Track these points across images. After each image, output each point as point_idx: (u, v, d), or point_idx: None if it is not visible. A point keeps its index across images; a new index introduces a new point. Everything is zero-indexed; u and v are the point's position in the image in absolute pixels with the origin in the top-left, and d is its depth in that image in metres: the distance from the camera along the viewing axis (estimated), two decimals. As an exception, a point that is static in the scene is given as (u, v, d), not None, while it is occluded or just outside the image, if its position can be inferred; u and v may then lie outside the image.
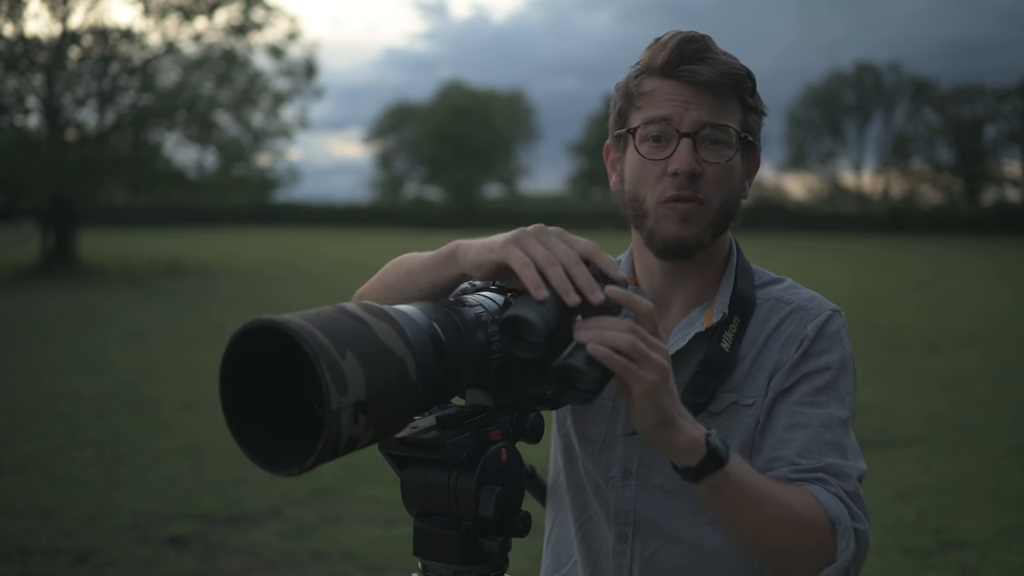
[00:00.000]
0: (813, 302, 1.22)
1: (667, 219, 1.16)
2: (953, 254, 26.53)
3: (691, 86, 1.14)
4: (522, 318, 0.87)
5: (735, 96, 1.16)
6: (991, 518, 4.29)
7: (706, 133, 1.14)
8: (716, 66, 1.14)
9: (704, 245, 1.18)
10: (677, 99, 1.15)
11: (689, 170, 1.13)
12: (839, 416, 1.14)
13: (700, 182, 1.14)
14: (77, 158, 19.14)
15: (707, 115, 1.14)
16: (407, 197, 57.11)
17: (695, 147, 1.14)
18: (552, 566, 1.36)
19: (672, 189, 1.15)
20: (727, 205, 1.18)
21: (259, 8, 21.14)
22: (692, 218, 1.15)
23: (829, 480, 1.07)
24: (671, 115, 1.15)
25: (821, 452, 1.10)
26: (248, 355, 0.79)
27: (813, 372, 1.16)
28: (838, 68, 55.93)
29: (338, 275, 16.81)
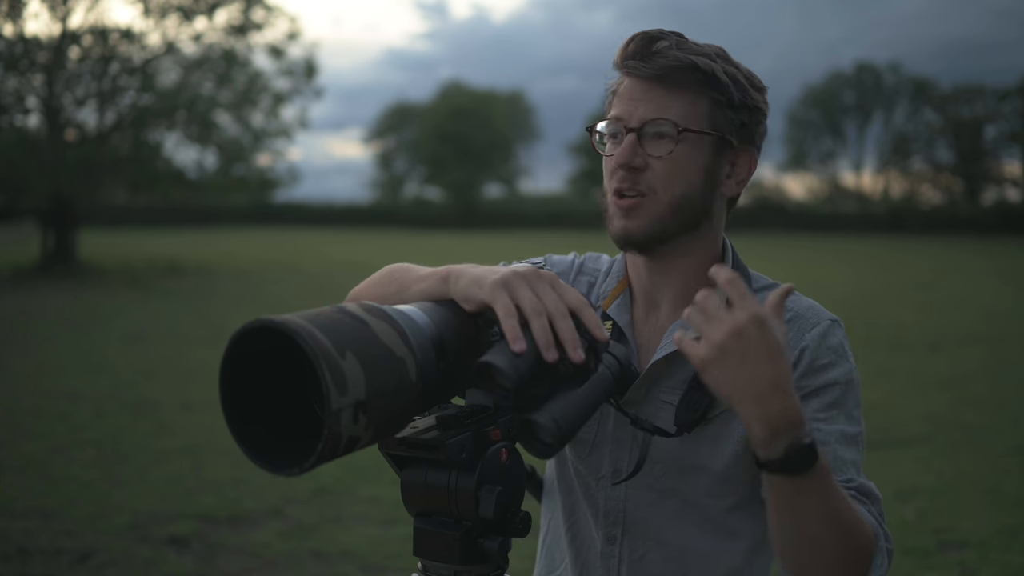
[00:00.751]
0: (812, 311, 1.21)
1: (614, 214, 1.18)
2: (953, 254, 26.54)
3: (642, 82, 1.16)
4: (494, 366, 0.86)
5: (693, 89, 1.14)
6: (991, 518, 4.29)
7: (649, 127, 1.15)
8: (658, 60, 1.14)
9: (656, 238, 1.17)
10: (633, 96, 1.16)
11: (625, 163, 1.14)
12: (850, 432, 1.13)
13: (643, 175, 1.15)
14: (77, 158, 19.14)
15: (652, 110, 1.15)
16: (407, 197, 57.11)
17: (640, 141, 1.15)
18: (547, 567, 1.36)
19: (616, 182, 1.17)
20: (682, 199, 1.16)
21: (259, 8, 21.14)
22: (634, 211, 1.16)
23: (864, 500, 1.07)
24: (621, 113, 1.17)
25: (843, 470, 1.10)
26: (248, 355, 0.80)
27: (821, 387, 1.15)
28: (838, 68, 56.00)
29: (338, 275, 16.80)
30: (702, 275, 1.22)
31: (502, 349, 0.88)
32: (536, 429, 0.89)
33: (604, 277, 1.32)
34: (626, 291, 1.28)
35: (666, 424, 1.17)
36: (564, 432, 0.89)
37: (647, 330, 1.25)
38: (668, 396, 1.19)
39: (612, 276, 1.30)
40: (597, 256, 1.37)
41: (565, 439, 0.89)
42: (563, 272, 1.34)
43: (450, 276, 0.99)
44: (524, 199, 55.72)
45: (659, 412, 1.19)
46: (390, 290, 1.11)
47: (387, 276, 1.16)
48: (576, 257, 1.37)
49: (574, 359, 0.89)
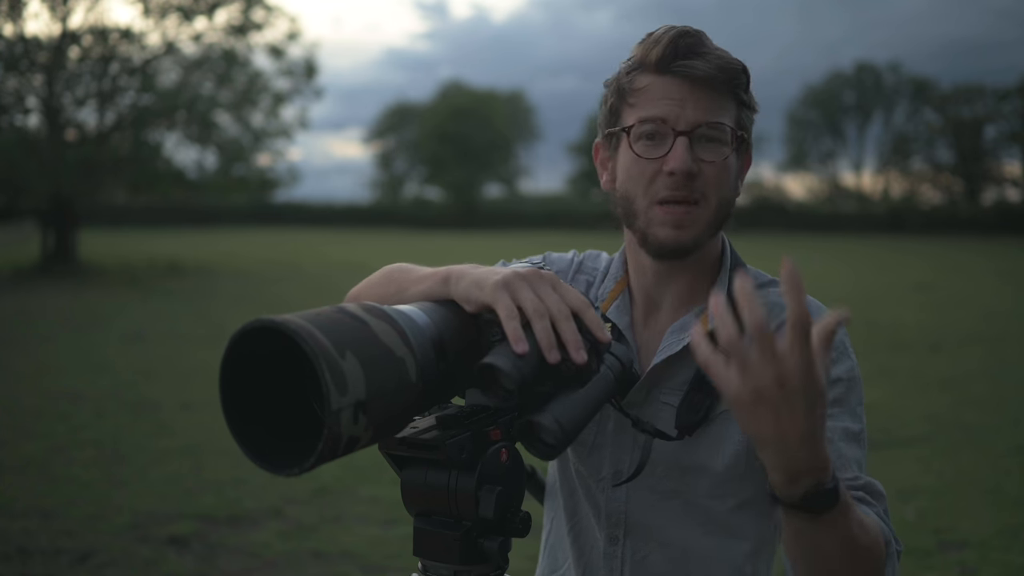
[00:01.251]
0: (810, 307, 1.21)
1: (660, 223, 1.14)
2: (953, 254, 26.54)
3: (686, 82, 1.12)
4: (496, 367, 0.86)
5: (730, 92, 1.14)
6: (991, 518, 4.29)
7: (702, 131, 1.12)
8: (712, 61, 1.11)
9: (701, 245, 1.17)
10: (673, 96, 1.12)
11: (686, 170, 1.10)
12: (854, 429, 1.12)
13: (696, 181, 1.12)
14: (77, 158, 19.14)
15: (704, 113, 1.12)
16: (407, 197, 57.13)
17: (691, 146, 1.11)
18: (549, 567, 1.36)
19: (666, 189, 1.12)
20: (724, 204, 1.16)
21: (259, 8, 21.14)
22: (687, 222, 1.13)
23: (871, 502, 1.04)
24: (666, 114, 1.12)
25: (847, 468, 1.07)
26: (248, 355, 0.79)
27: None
28: (838, 68, 56.01)
29: (338, 275, 16.80)
30: (701, 276, 1.22)
31: (504, 351, 0.87)
32: (539, 430, 0.89)
33: (602, 277, 1.31)
34: (625, 292, 1.27)
35: (667, 425, 1.17)
36: (567, 433, 0.89)
37: (647, 332, 1.24)
38: (668, 397, 1.19)
39: (610, 277, 1.29)
40: (596, 254, 1.36)
41: (568, 440, 0.89)
42: (562, 271, 1.33)
43: (450, 277, 0.98)
44: (524, 199, 55.73)
45: (659, 413, 1.19)
46: (389, 291, 1.10)
47: (385, 277, 1.14)
48: (575, 255, 1.36)
49: (576, 360, 0.89)
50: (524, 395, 0.87)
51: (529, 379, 0.87)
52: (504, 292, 0.90)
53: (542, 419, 0.88)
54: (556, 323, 0.89)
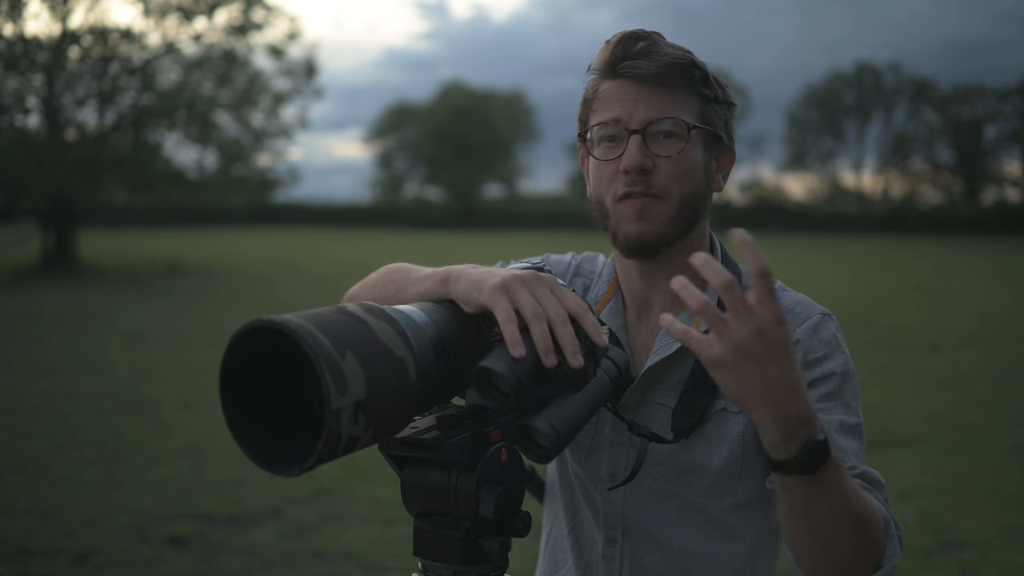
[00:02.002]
0: (801, 305, 1.20)
1: (624, 217, 1.16)
2: (953, 254, 26.54)
3: (637, 83, 1.14)
4: (493, 371, 0.86)
5: (687, 88, 1.15)
6: (991, 518, 4.29)
7: (654, 128, 1.13)
8: (657, 59, 1.13)
9: (668, 241, 1.17)
10: (626, 97, 1.14)
11: (637, 165, 1.12)
12: (849, 423, 1.11)
13: (653, 177, 1.14)
14: (77, 158, 19.14)
15: (655, 110, 1.13)
16: (407, 197, 57.13)
17: (645, 143, 1.13)
18: (549, 568, 1.36)
19: (624, 186, 1.14)
20: (690, 198, 1.16)
21: (259, 8, 21.15)
22: (647, 213, 1.14)
23: (869, 487, 1.04)
24: (620, 114, 1.14)
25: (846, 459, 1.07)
26: (248, 355, 0.79)
27: (817, 379, 1.14)
28: (838, 68, 55.99)
29: (338, 275, 16.81)
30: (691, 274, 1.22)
31: (501, 354, 0.87)
32: (534, 434, 0.88)
33: (598, 280, 1.32)
34: (617, 294, 1.28)
35: (663, 427, 1.17)
36: (562, 437, 0.88)
37: (640, 334, 1.24)
38: (664, 399, 1.19)
39: (603, 279, 1.30)
40: (594, 257, 1.37)
41: (563, 444, 0.89)
42: (560, 273, 1.34)
43: (450, 277, 0.99)
44: (524, 199, 55.75)
45: (655, 415, 1.19)
46: (387, 291, 1.10)
47: (384, 277, 1.15)
48: (573, 258, 1.37)
49: (573, 365, 0.88)
50: (520, 399, 0.87)
51: (525, 383, 0.87)
52: (502, 295, 0.90)
53: (537, 423, 0.87)
54: (554, 327, 0.89)
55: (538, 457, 0.90)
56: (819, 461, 0.89)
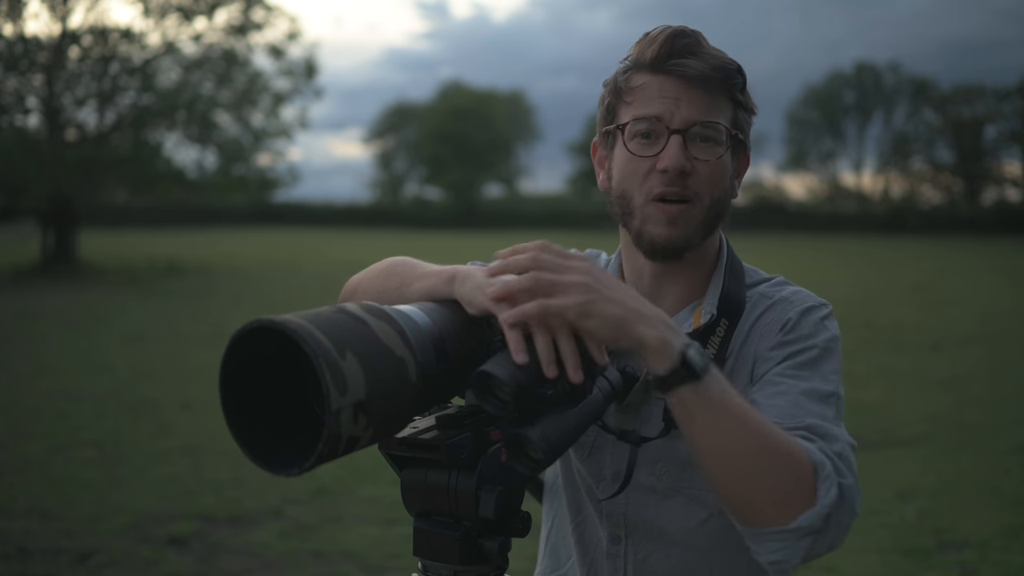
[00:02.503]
0: (797, 295, 1.20)
1: (654, 220, 1.15)
2: (953, 254, 26.54)
3: (681, 81, 1.12)
4: (492, 374, 0.85)
5: (725, 92, 1.15)
6: (991, 518, 4.29)
7: (697, 130, 1.12)
8: (707, 60, 1.12)
9: (694, 246, 1.17)
10: (667, 95, 1.13)
11: (679, 167, 1.11)
12: (822, 389, 1.08)
13: (690, 180, 1.13)
14: (77, 158, 19.15)
15: (698, 112, 1.12)
16: (407, 197, 57.15)
17: (685, 144, 1.12)
18: (551, 565, 1.36)
19: (660, 186, 1.13)
20: (718, 204, 1.16)
21: (259, 8, 21.15)
22: (680, 220, 1.14)
23: (813, 438, 1.00)
24: (661, 112, 1.13)
25: (801, 416, 1.04)
26: (248, 355, 0.79)
27: (798, 351, 1.13)
28: (838, 68, 56.00)
29: (338, 275, 16.75)
30: (700, 275, 1.23)
31: (503, 360, 0.87)
32: (527, 444, 0.88)
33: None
34: None
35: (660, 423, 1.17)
36: (554, 450, 0.88)
37: None
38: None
39: None
40: (597, 254, 1.36)
41: (553, 457, 0.88)
42: None
43: (456, 277, 0.98)
44: (524, 199, 55.76)
45: (655, 411, 1.19)
46: (391, 284, 1.10)
47: (389, 268, 1.14)
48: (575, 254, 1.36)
49: (573, 380, 0.88)
50: (518, 407, 0.87)
51: (526, 390, 0.86)
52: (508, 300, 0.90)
53: (531, 434, 0.87)
54: (557, 339, 0.89)
55: (527, 468, 0.88)
56: (702, 365, 0.91)
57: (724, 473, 0.95)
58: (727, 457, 0.94)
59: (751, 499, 0.95)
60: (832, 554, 3.38)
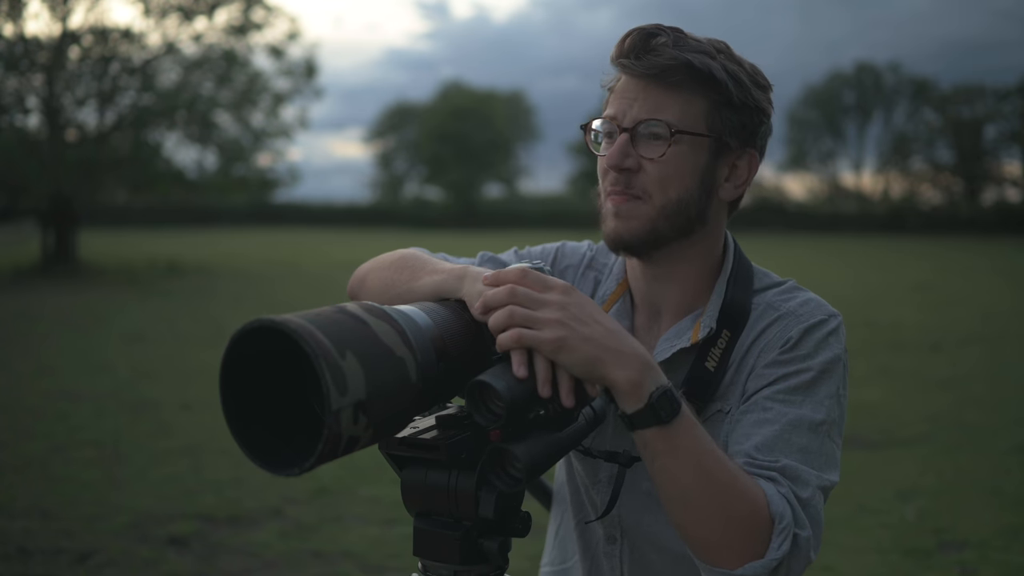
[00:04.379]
0: (805, 307, 1.16)
1: (608, 215, 1.15)
2: (953, 254, 26.54)
3: (637, 80, 1.12)
4: (490, 386, 0.85)
5: (696, 90, 1.11)
6: (991, 518, 4.29)
7: (643, 128, 1.11)
8: (654, 59, 1.10)
9: (649, 243, 1.14)
10: (627, 95, 1.13)
11: (614, 164, 1.11)
12: (811, 418, 1.07)
13: (637, 178, 1.12)
14: (77, 158, 19.14)
15: (647, 110, 1.11)
16: (407, 197, 57.12)
17: (633, 142, 1.11)
18: (559, 557, 1.38)
19: (609, 184, 1.14)
20: (677, 203, 1.12)
21: (259, 8, 21.14)
22: (624, 212, 1.13)
23: (781, 481, 1.00)
24: (616, 111, 1.13)
25: (781, 451, 1.03)
26: (248, 355, 0.79)
27: (792, 373, 1.10)
28: (838, 68, 55.94)
29: (338, 275, 16.79)
30: (701, 281, 1.21)
31: (502, 372, 0.87)
32: (510, 461, 0.87)
33: (608, 275, 1.30)
34: (625, 295, 1.26)
35: None
36: (533, 472, 0.88)
37: (649, 339, 1.23)
38: None
39: (613, 277, 1.29)
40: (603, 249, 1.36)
41: (532, 476, 0.88)
42: (574, 264, 1.33)
43: (467, 276, 0.99)
44: (524, 199, 55.74)
45: None
46: (401, 277, 1.10)
47: (400, 261, 1.14)
48: (589, 248, 1.35)
49: (565, 404, 0.89)
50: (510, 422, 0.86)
51: (520, 407, 0.86)
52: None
53: (517, 451, 0.86)
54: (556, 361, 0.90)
55: (505, 484, 0.88)
56: (671, 410, 0.92)
57: (680, 512, 0.96)
58: (684, 499, 0.95)
59: (704, 538, 0.96)
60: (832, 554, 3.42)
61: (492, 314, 0.91)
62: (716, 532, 0.95)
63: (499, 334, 0.90)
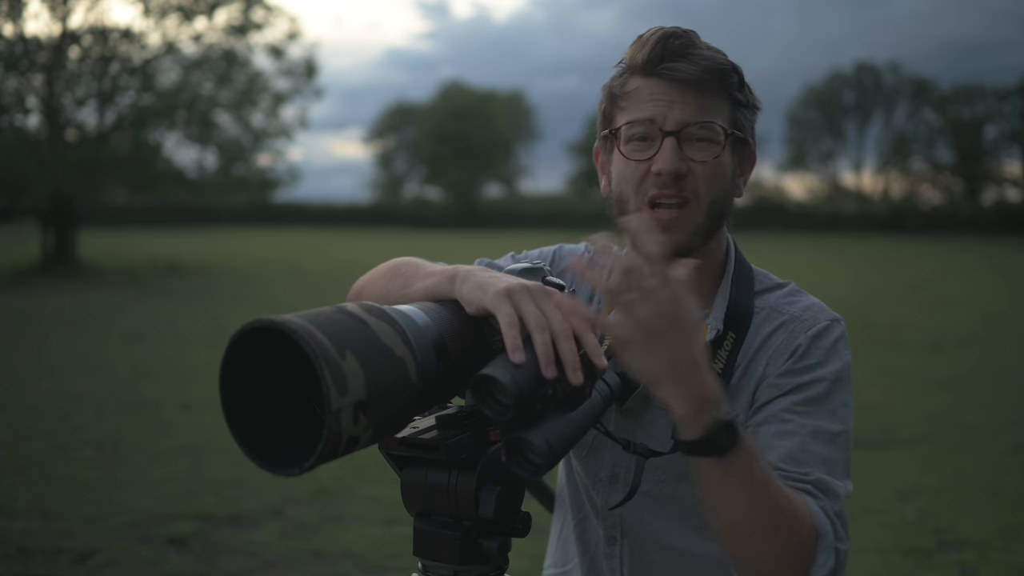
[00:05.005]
0: (809, 312, 1.18)
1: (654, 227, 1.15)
2: (953, 254, 26.53)
3: (674, 84, 1.12)
4: (493, 378, 0.85)
5: (721, 92, 1.14)
6: (991, 518, 4.29)
7: (691, 131, 1.12)
8: (699, 62, 1.11)
9: (691, 250, 1.15)
10: (661, 98, 1.12)
11: (672, 170, 1.11)
12: (829, 429, 1.10)
13: (686, 181, 1.12)
14: (77, 158, 19.14)
15: (691, 113, 1.11)
16: (407, 197, 57.11)
17: (680, 146, 1.11)
18: (560, 560, 1.38)
19: (655, 188, 1.13)
20: (718, 204, 1.15)
21: (259, 8, 21.14)
22: (674, 226, 1.13)
23: (818, 495, 1.04)
24: (655, 115, 1.12)
25: (808, 463, 1.06)
26: (248, 355, 0.79)
27: (805, 384, 1.12)
28: (838, 68, 55.94)
29: (338, 275, 16.79)
30: (705, 281, 1.21)
31: (503, 363, 0.86)
32: (528, 448, 0.87)
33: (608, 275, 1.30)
34: None
35: (664, 432, 1.16)
36: (555, 455, 0.87)
37: None
38: None
39: None
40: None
41: (554, 461, 0.88)
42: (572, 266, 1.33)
43: (457, 276, 0.98)
44: (524, 199, 55.73)
45: (658, 419, 1.19)
46: (395, 285, 1.10)
47: (393, 270, 1.14)
48: (587, 251, 1.36)
49: (573, 381, 0.87)
50: (519, 411, 0.86)
51: (526, 394, 0.85)
52: (506, 300, 0.90)
53: (533, 437, 0.86)
54: (556, 340, 0.88)
55: (527, 471, 0.88)
56: (727, 443, 0.90)
57: (732, 534, 0.98)
58: (737, 523, 0.96)
59: (756, 560, 0.98)
60: (832, 554, 3.28)
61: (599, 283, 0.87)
62: (770, 556, 0.97)
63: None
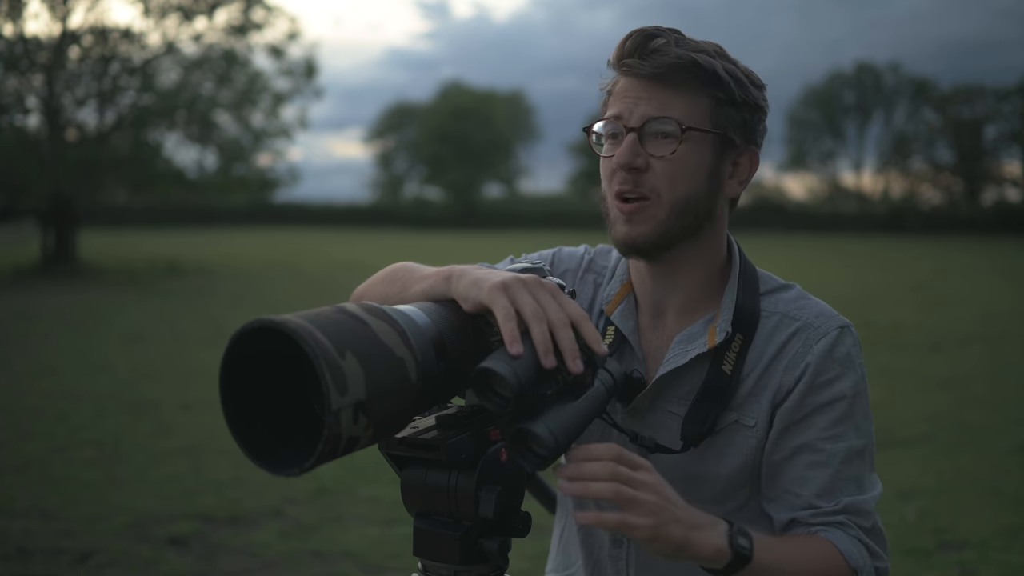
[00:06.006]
0: (821, 318, 1.18)
1: (617, 219, 1.15)
2: (953, 254, 26.53)
3: (642, 81, 1.13)
4: (493, 371, 0.85)
5: (696, 88, 1.12)
6: (991, 518, 4.29)
7: (651, 126, 1.12)
8: (660, 58, 1.11)
9: (661, 244, 1.15)
10: (630, 95, 1.14)
11: (625, 163, 1.12)
12: (857, 447, 1.14)
13: (645, 177, 1.12)
14: (77, 158, 19.13)
15: (654, 109, 1.12)
16: (407, 197, 57.10)
17: (641, 141, 1.12)
18: (562, 564, 1.37)
19: (617, 184, 1.14)
20: (685, 201, 1.13)
21: (259, 8, 21.13)
22: (636, 217, 1.13)
23: (848, 523, 1.09)
24: (621, 111, 1.14)
25: (840, 491, 1.11)
26: (248, 355, 0.79)
27: (827, 403, 1.14)
28: (838, 68, 55.92)
29: (338, 275, 16.80)
30: (707, 280, 1.21)
31: (502, 356, 0.86)
32: (532, 440, 0.87)
33: (610, 277, 1.30)
34: (630, 295, 1.26)
35: (672, 435, 1.16)
36: (560, 445, 0.87)
37: (654, 339, 1.23)
38: (674, 407, 1.18)
39: (616, 278, 1.28)
40: (607, 250, 1.35)
41: (559, 452, 0.88)
42: (572, 268, 1.33)
43: (452, 275, 0.99)
44: (524, 199, 55.73)
45: (665, 422, 1.18)
46: (393, 289, 1.10)
47: (390, 275, 1.15)
48: (587, 251, 1.35)
49: (572, 370, 0.88)
50: (519, 403, 0.86)
51: (527, 386, 0.86)
52: (502, 294, 0.90)
53: (536, 428, 0.86)
54: (554, 330, 0.88)
55: (532, 464, 0.88)
56: (750, 545, 0.99)
57: None
58: None
59: None
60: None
61: (588, 485, 0.92)
62: None
63: (600, 516, 0.94)
